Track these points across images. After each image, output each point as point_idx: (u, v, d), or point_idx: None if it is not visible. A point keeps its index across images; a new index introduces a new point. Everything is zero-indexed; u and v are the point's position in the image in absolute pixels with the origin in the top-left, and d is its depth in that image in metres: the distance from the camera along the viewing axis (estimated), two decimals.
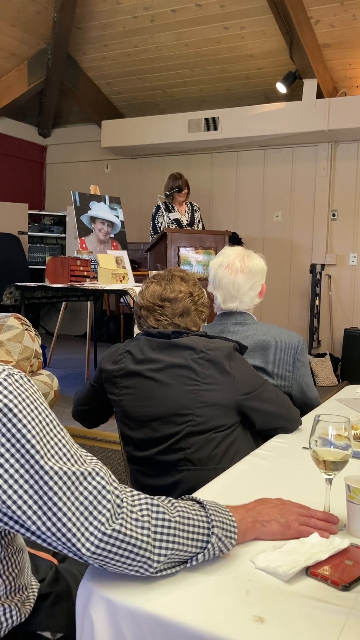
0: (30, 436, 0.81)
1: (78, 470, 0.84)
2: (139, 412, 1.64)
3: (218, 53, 5.54)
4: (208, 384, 1.59)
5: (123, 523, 0.84)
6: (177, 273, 1.77)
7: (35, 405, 0.85)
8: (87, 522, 0.82)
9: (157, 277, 1.77)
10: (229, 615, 0.82)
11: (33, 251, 6.84)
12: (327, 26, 4.93)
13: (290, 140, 5.86)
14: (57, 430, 0.86)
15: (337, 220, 5.88)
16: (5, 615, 0.95)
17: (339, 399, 2.22)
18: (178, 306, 1.70)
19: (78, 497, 0.82)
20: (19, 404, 0.82)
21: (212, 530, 0.92)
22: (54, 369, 4.82)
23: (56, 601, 1.07)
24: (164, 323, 1.70)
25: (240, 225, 6.35)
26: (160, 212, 5.08)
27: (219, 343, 1.64)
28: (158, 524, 0.87)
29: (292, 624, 0.80)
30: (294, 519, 1.04)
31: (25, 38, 5.74)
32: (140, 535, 0.84)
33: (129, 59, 5.91)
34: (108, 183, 7.02)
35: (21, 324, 3.07)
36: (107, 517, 0.83)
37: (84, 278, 3.84)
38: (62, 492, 0.81)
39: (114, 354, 1.74)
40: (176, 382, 1.60)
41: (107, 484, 0.85)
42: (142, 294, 1.75)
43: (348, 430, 1.11)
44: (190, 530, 0.90)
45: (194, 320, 1.73)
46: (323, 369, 5.33)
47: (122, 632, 0.84)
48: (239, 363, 1.64)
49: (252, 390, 1.64)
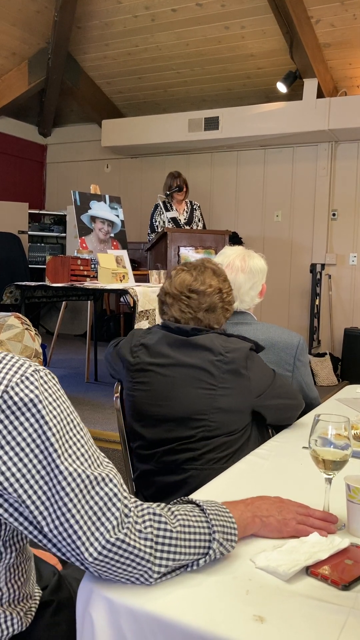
0: (51, 434, 0.82)
1: (92, 474, 0.84)
2: (152, 410, 1.62)
3: (218, 52, 5.54)
4: (224, 389, 1.57)
5: (128, 533, 0.84)
6: (209, 265, 1.72)
7: (59, 403, 0.85)
8: (94, 527, 0.82)
9: (189, 265, 1.72)
10: (229, 614, 0.82)
11: (33, 250, 6.84)
12: (328, 26, 4.93)
13: (290, 140, 5.86)
14: (77, 429, 0.86)
15: (337, 220, 5.88)
16: (6, 623, 0.95)
17: (339, 398, 2.22)
18: (205, 300, 1.66)
19: (89, 501, 0.83)
20: (44, 399, 0.83)
21: (213, 536, 0.91)
22: (54, 368, 4.82)
23: (58, 610, 1.07)
24: (188, 316, 1.66)
25: (241, 224, 6.35)
26: (158, 211, 5.08)
27: (236, 344, 1.61)
28: (160, 534, 0.87)
29: (292, 623, 0.80)
30: (292, 517, 1.04)
31: (26, 37, 5.74)
32: (142, 546, 0.85)
33: (130, 58, 5.91)
34: (108, 182, 7.02)
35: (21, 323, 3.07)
36: (114, 525, 0.83)
37: (84, 277, 3.84)
38: (73, 494, 0.82)
39: (131, 342, 1.71)
40: (192, 384, 1.58)
41: (119, 492, 0.85)
42: (171, 280, 1.70)
43: (348, 430, 1.11)
44: (192, 539, 0.90)
45: (217, 318, 1.69)
46: (323, 368, 5.33)
47: (123, 631, 0.84)
48: (255, 364, 1.63)
49: (265, 389, 1.64)
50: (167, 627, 0.81)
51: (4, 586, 0.93)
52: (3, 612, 0.94)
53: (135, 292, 3.36)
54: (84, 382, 4.54)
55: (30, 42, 5.84)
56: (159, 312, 1.76)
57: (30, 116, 7.08)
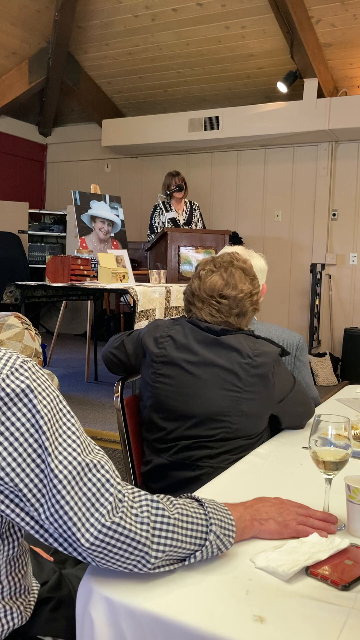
0: (43, 422, 0.83)
1: (84, 460, 0.85)
2: (174, 405, 1.61)
3: (219, 52, 5.54)
4: (250, 392, 1.56)
5: (123, 517, 0.84)
6: (238, 264, 1.66)
7: (48, 392, 0.86)
8: (89, 513, 0.83)
9: (218, 264, 1.65)
10: (228, 614, 0.82)
11: (33, 250, 6.84)
12: (328, 26, 4.93)
13: (290, 140, 5.86)
14: (67, 418, 0.87)
15: (338, 220, 5.88)
16: (7, 617, 0.95)
17: (338, 398, 2.22)
18: (237, 305, 1.62)
19: (82, 488, 0.84)
20: (35, 389, 0.84)
21: (210, 528, 0.92)
22: (54, 368, 4.82)
23: (58, 606, 1.07)
24: (218, 320, 1.63)
25: (241, 224, 6.35)
26: (157, 212, 5.08)
27: (265, 347, 1.59)
28: (157, 520, 0.88)
29: (292, 623, 0.80)
30: (292, 518, 1.04)
31: (26, 37, 5.74)
32: (139, 530, 0.85)
33: (130, 58, 5.91)
34: (108, 182, 7.02)
35: (21, 322, 3.07)
36: (109, 509, 0.84)
37: (84, 277, 3.84)
38: (67, 481, 0.82)
39: (156, 333, 1.68)
40: (218, 385, 1.57)
41: (111, 477, 0.86)
42: (200, 281, 1.64)
43: (348, 430, 1.11)
44: (189, 528, 0.90)
45: (247, 321, 1.68)
46: (323, 368, 5.33)
47: (122, 631, 0.84)
48: (281, 369, 1.62)
49: (286, 395, 1.64)
50: (166, 627, 0.81)
51: (4, 579, 0.93)
52: (3, 607, 0.95)
53: (135, 292, 3.36)
54: (83, 381, 4.54)
55: (31, 41, 5.84)
56: (185, 310, 1.72)
57: (30, 116, 7.08)
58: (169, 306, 3.66)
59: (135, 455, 1.83)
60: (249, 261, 1.73)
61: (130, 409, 1.85)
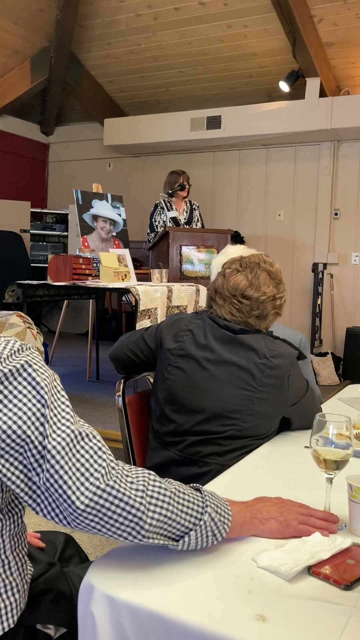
0: (44, 392, 0.88)
1: (77, 430, 0.89)
2: (186, 398, 1.62)
3: (221, 51, 5.53)
4: (263, 393, 1.57)
5: (117, 481, 0.87)
6: (265, 266, 1.66)
7: (45, 369, 0.92)
8: (83, 477, 0.86)
9: (244, 265, 1.66)
10: (230, 613, 0.82)
11: (35, 249, 6.84)
12: (331, 25, 4.92)
13: (292, 139, 5.85)
14: (61, 393, 0.92)
15: (340, 219, 5.87)
16: (15, 595, 0.96)
17: (340, 398, 2.22)
18: (258, 307, 1.63)
19: (75, 454, 0.87)
20: (35, 364, 0.90)
21: (205, 510, 0.94)
22: (56, 367, 4.82)
23: (58, 598, 1.08)
24: (238, 319, 1.64)
25: (243, 223, 6.35)
26: (158, 210, 5.07)
27: (283, 349, 1.60)
28: (154, 489, 0.90)
29: (294, 622, 0.80)
30: (293, 517, 1.04)
31: (28, 36, 5.74)
32: (134, 495, 0.88)
33: (132, 57, 5.91)
34: (110, 181, 7.02)
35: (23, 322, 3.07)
36: (102, 473, 0.87)
37: (86, 276, 3.84)
38: (61, 447, 0.86)
39: (176, 327, 1.69)
40: (231, 382, 1.58)
41: (103, 446, 0.91)
42: (224, 279, 1.65)
43: (349, 430, 1.10)
44: (185, 504, 0.92)
45: (267, 324, 1.68)
46: (325, 368, 5.33)
47: (124, 629, 0.84)
48: (295, 372, 1.62)
49: (299, 398, 1.65)
50: (168, 625, 0.81)
51: (10, 554, 0.95)
52: (10, 583, 0.95)
53: (137, 291, 3.36)
54: (85, 380, 4.54)
55: (33, 40, 5.84)
56: (207, 305, 1.74)
57: (32, 115, 7.08)
58: (170, 305, 3.66)
59: (137, 454, 1.83)
60: (277, 265, 1.72)
61: (132, 408, 1.85)
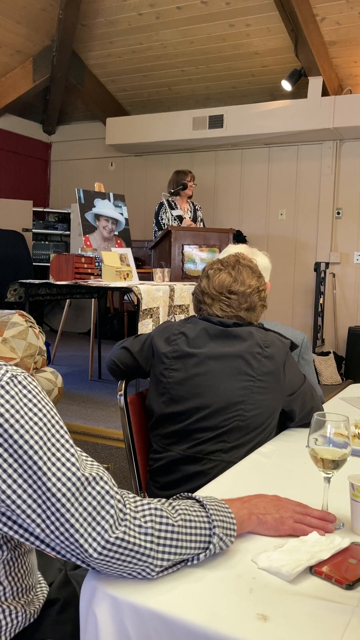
0: (33, 442, 0.81)
1: (83, 475, 0.84)
2: (187, 397, 1.63)
3: (223, 50, 5.53)
4: (263, 382, 1.59)
5: (126, 530, 0.84)
6: (245, 262, 1.74)
7: (39, 408, 0.84)
8: (91, 527, 0.83)
9: (225, 264, 1.73)
10: (232, 613, 0.82)
11: (37, 248, 6.84)
12: (333, 23, 4.91)
13: (295, 138, 5.85)
14: (60, 434, 0.86)
15: (342, 219, 5.86)
16: (11, 616, 0.95)
17: (343, 397, 2.22)
18: (246, 300, 1.69)
19: (82, 503, 0.83)
20: (20, 409, 0.82)
21: (213, 531, 0.92)
22: (58, 366, 4.83)
23: (64, 608, 1.07)
24: (230, 314, 1.69)
25: (245, 223, 6.34)
26: (163, 209, 5.07)
27: (275, 340, 1.64)
28: (162, 528, 0.87)
29: (295, 622, 0.80)
30: (289, 515, 1.04)
31: (30, 35, 5.74)
32: (143, 542, 0.85)
33: (134, 56, 5.91)
34: (112, 180, 7.02)
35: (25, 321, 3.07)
36: (111, 523, 0.83)
37: (88, 275, 3.84)
38: (65, 499, 0.82)
39: (167, 332, 1.72)
40: (230, 374, 1.60)
41: (110, 489, 0.86)
42: (209, 280, 1.71)
43: (347, 429, 1.10)
44: (193, 533, 0.90)
45: (257, 316, 1.73)
46: (327, 367, 5.33)
47: (126, 628, 0.84)
48: (291, 363, 1.66)
49: (297, 389, 1.67)
50: (170, 625, 0.81)
51: (4, 580, 0.93)
52: (7, 607, 0.94)
53: (139, 291, 3.36)
54: (87, 379, 4.54)
55: (35, 39, 5.84)
56: (195, 310, 1.79)
57: (34, 114, 7.08)
58: (172, 304, 3.66)
59: (139, 453, 1.84)
60: (254, 261, 1.79)
61: (134, 407, 1.85)
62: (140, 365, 1.79)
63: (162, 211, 5.08)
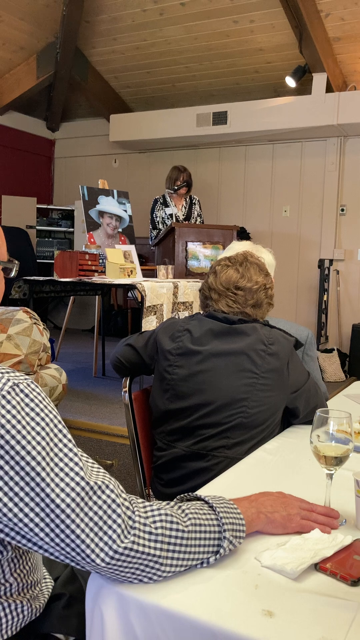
0: (35, 453, 0.79)
1: (87, 484, 0.82)
2: (191, 394, 1.63)
3: (227, 47, 5.51)
4: (266, 379, 1.60)
5: (135, 540, 0.83)
6: (253, 260, 1.75)
7: (42, 417, 0.82)
8: (98, 537, 0.81)
9: (233, 260, 1.75)
10: (237, 609, 0.82)
11: (41, 245, 6.85)
12: (337, 19, 4.89)
13: (299, 135, 5.83)
14: (64, 442, 0.83)
15: (346, 215, 5.85)
16: (17, 610, 0.96)
17: (347, 394, 2.21)
18: (252, 297, 1.70)
19: (88, 513, 0.81)
20: (22, 419, 0.80)
21: (223, 535, 0.91)
22: (62, 362, 4.83)
23: (70, 603, 1.07)
24: (236, 310, 1.70)
25: (249, 219, 6.33)
26: (158, 206, 5.09)
27: (279, 337, 1.65)
28: (172, 534, 0.86)
29: (301, 618, 0.80)
30: (296, 512, 1.04)
31: (34, 32, 5.74)
32: (153, 550, 0.84)
33: (138, 52, 5.90)
34: (116, 177, 7.02)
35: (30, 317, 3.08)
36: (119, 532, 0.82)
37: (92, 272, 3.85)
38: (70, 509, 0.80)
39: (172, 329, 1.73)
40: (234, 371, 1.60)
41: (117, 496, 0.84)
42: (216, 276, 1.73)
43: (350, 425, 1.10)
44: (203, 537, 0.90)
45: (263, 313, 1.74)
46: (331, 364, 5.32)
47: (132, 625, 0.84)
48: (295, 359, 1.66)
49: (301, 386, 1.67)
50: (176, 621, 0.81)
51: (10, 577, 0.93)
52: (14, 602, 0.95)
53: (143, 287, 3.36)
54: (91, 376, 4.55)
55: (39, 36, 5.84)
56: (201, 306, 1.80)
57: (38, 111, 7.08)
58: (176, 301, 3.66)
59: (143, 449, 1.84)
60: (262, 259, 1.80)
61: (138, 403, 1.86)
62: (145, 361, 1.80)
63: (157, 208, 5.09)
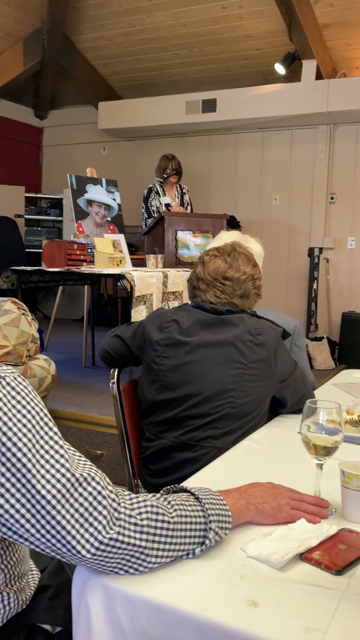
0: (21, 444, 0.80)
1: (73, 476, 0.83)
2: (179, 385, 1.64)
3: (216, 33, 5.46)
4: (253, 369, 1.60)
5: (121, 531, 0.83)
6: (241, 250, 1.75)
7: (28, 409, 0.83)
8: (83, 529, 0.82)
9: (221, 251, 1.75)
10: (223, 599, 0.82)
11: (30, 234, 6.80)
12: (327, 6, 4.86)
13: (288, 122, 5.81)
14: (49, 435, 0.84)
15: (336, 204, 5.85)
16: (3, 602, 0.96)
17: (335, 383, 2.22)
18: (240, 287, 1.70)
19: (73, 504, 0.82)
20: (8, 412, 0.80)
21: (209, 526, 0.92)
22: (52, 353, 4.82)
23: (56, 594, 1.08)
24: (223, 301, 1.70)
25: (239, 208, 6.32)
26: (153, 195, 5.06)
27: (266, 327, 1.65)
28: (158, 525, 0.87)
29: (285, 608, 0.81)
30: (286, 502, 1.05)
31: (20, 17, 5.66)
32: (138, 541, 0.85)
33: (126, 39, 5.83)
34: (105, 165, 6.97)
35: (18, 308, 3.06)
36: (104, 524, 0.82)
37: (80, 262, 3.82)
38: (55, 500, 0.80)
39: (159, 320, 1.73)
40: (221, 362, 1.61)
41: (103, 488, 0.85)
42: (204, 266, 1.73)
43: (339, 415, 1.11)
44: (189, 529, 0.90)
45: (251, 303, 1.74)
46: (320, 352, 5.34)
47: (118, 617, 0.85)
48: (282, 350, 1.67)
49: (288, 376, 1.68)
50: (162, 612, 0.82)
51: None
52: (0, 594, 0.95)
53: (132, 277, 3.35)
54: (81, 366, 4.54)
55: (25, 22, 5.75)
56: (190, 296, 1.80)
57: (26, 98, 7.00)
58: (166, 291, 3.65)
59: (132, 440, 1.84)
60: (250, 250, 1.81)
61: (127, 394, 1.86)
62: (133, 352, 1.80)
63: (152, 197, 5.06)
